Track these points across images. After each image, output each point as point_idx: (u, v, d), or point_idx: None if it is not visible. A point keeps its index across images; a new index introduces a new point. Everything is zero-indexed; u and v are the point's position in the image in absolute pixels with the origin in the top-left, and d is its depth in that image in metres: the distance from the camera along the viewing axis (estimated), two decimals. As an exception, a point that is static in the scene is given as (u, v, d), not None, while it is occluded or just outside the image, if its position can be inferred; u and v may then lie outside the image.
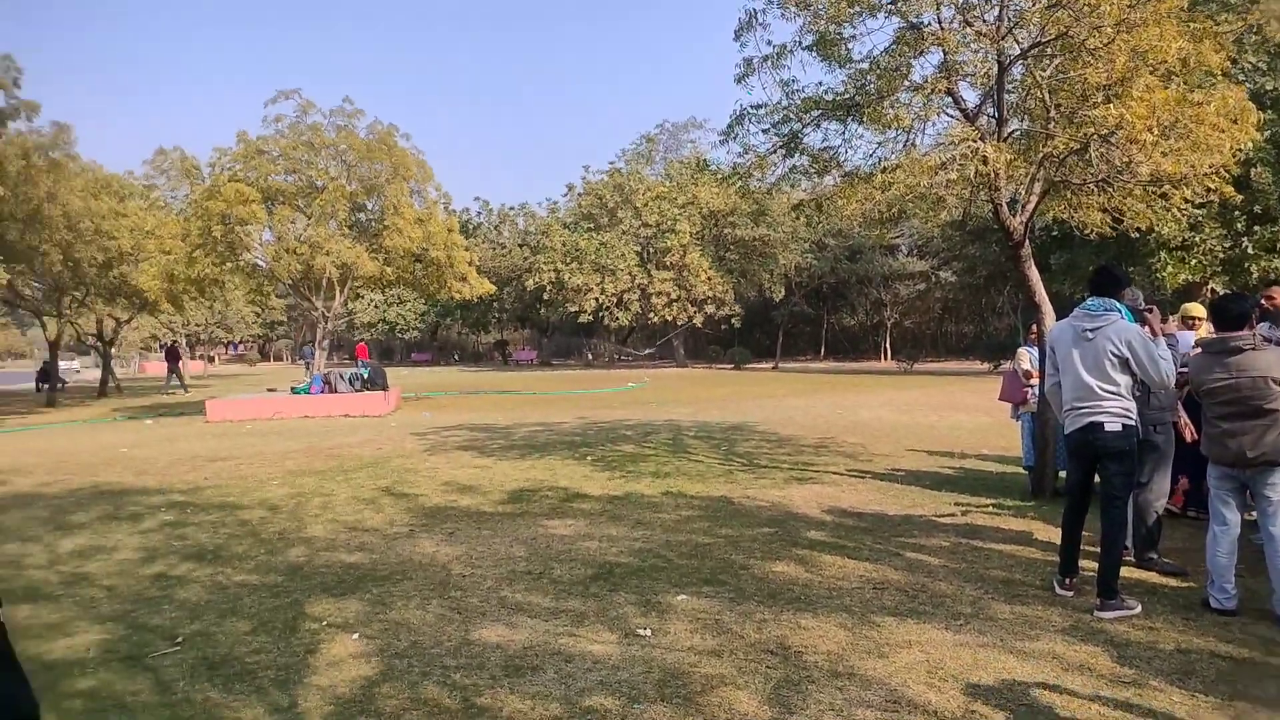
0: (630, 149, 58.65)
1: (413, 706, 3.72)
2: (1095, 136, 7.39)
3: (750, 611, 4.86)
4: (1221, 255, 21.96)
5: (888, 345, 47.97)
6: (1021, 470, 8.52)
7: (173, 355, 34.39)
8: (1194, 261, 22.09)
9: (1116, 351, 4.66)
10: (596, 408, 19.58)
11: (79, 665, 4.32)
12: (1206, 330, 6.43)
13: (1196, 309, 7.05)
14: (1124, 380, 4.71)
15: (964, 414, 15.45)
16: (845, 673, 3.97)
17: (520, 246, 52.16)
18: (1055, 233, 24.23)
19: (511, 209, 57.73)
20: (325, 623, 4.88)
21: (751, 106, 9.99)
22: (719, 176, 40.07)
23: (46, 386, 29.56)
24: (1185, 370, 5.21)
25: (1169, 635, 4.35)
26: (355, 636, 4.63)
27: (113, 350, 34.43)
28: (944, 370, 33.87)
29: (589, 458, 11.01)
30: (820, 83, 9.84)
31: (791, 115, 9.80)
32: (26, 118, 22.57)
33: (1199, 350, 4.84)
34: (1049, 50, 8.32)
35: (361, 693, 3.88)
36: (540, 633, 4.60)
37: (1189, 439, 5.74)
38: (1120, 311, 4.78)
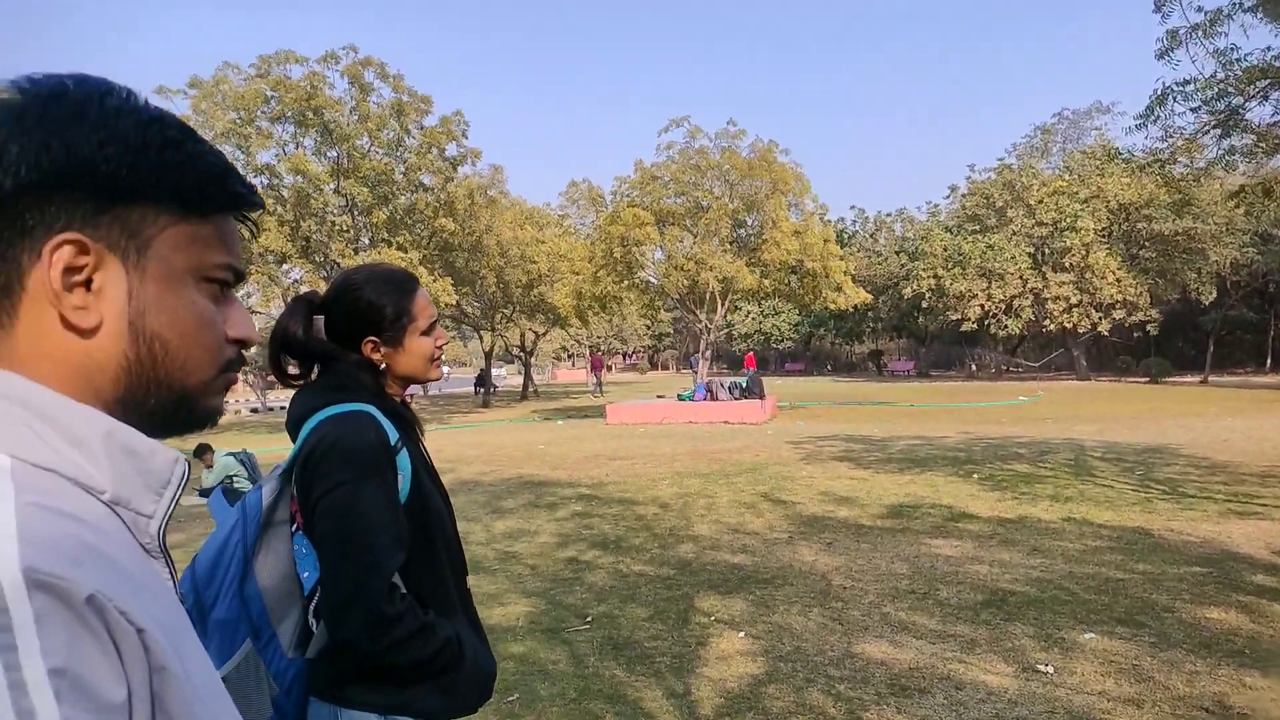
0: (1022, 142, 54.35)
1: (798, 711, 3.78)
2: None
3: (1177, 660, 4.23)
4: None
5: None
6: None
7: (597, 363, 38.84)
8: None
9: None
10: (981, 422, 18.35)
11: (511, 632, 5.02)
12: None
13: None
14: None
15: None
16: (1313, 751, 3.29)
17: (897, 253, 50.70)
18: None
19: (888, 215, 56.40)
20: (713, 618, 5.14)
21: (1177, 83, 8.77)
22: (1133, 165, 35.46)
23: (482, 390, 34.79)
24: None
25: None
26: (742, 634, 4.82)
27: (532, 359, 39.61)
28: None
29: (975, 475, 10.36)
30: (1268, 48, 8.34)
31: (1230, 88, 8.42)
32: (471, 163, 27.00)
33: None
34: None
35: (749, 690, 4.04)
36: (927, 655, 4.43)
37: None
38: None
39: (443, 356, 1.92)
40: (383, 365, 1.74)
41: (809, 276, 24.01)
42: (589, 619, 5.20)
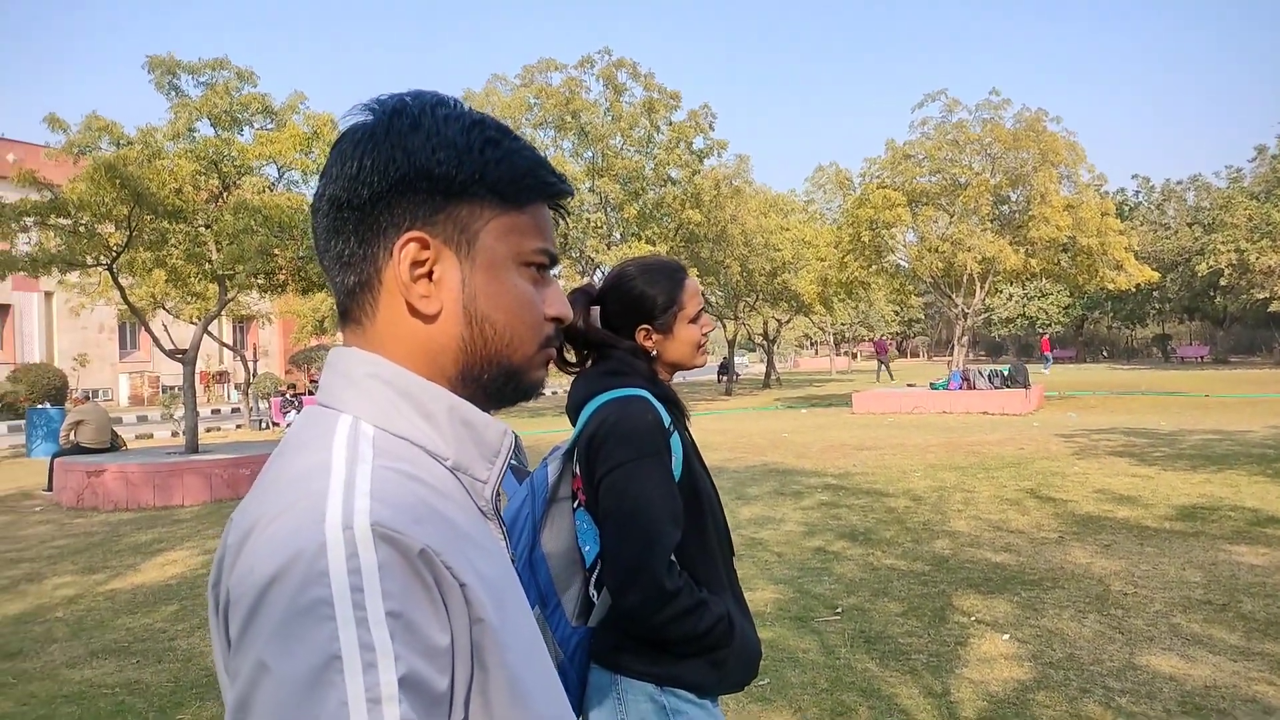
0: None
1: (1071, 721, 3.54)
2: None
3: None
4: None
5: None
6: None
7: (881, 348, 38.36)
8: None
9: None
10: (1298, 416, 15.91)
11: (759, 618, 5.08)
12: None
13: None
14: None
15: None
16: None
17: (1189, 226, 45.09)
18: None
19: (1178, 183, 50.21)
20: (974, 618, 4.91)
21: None
22: None
23: (725, 378, 35.18)
24: None
25: None
26: (1006, 637, 4.57)
27: (774, 347, 39.47)
28: None
29: (1289, 476, 9.04)
30: None
31: None
32: (717, 154, 27.34)
33: None
34: None
35: (1015, 695, 3.83)
36: (1227, 672, 3.97)
37: None
38: None
39: (707, 343, 2.01)
40: (654, 352, 1.85)
41: (1083, 254, 21.91)
42: (839, 610, 5.16)
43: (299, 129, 12.06)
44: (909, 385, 23.33)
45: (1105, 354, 59.13)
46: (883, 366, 37.93)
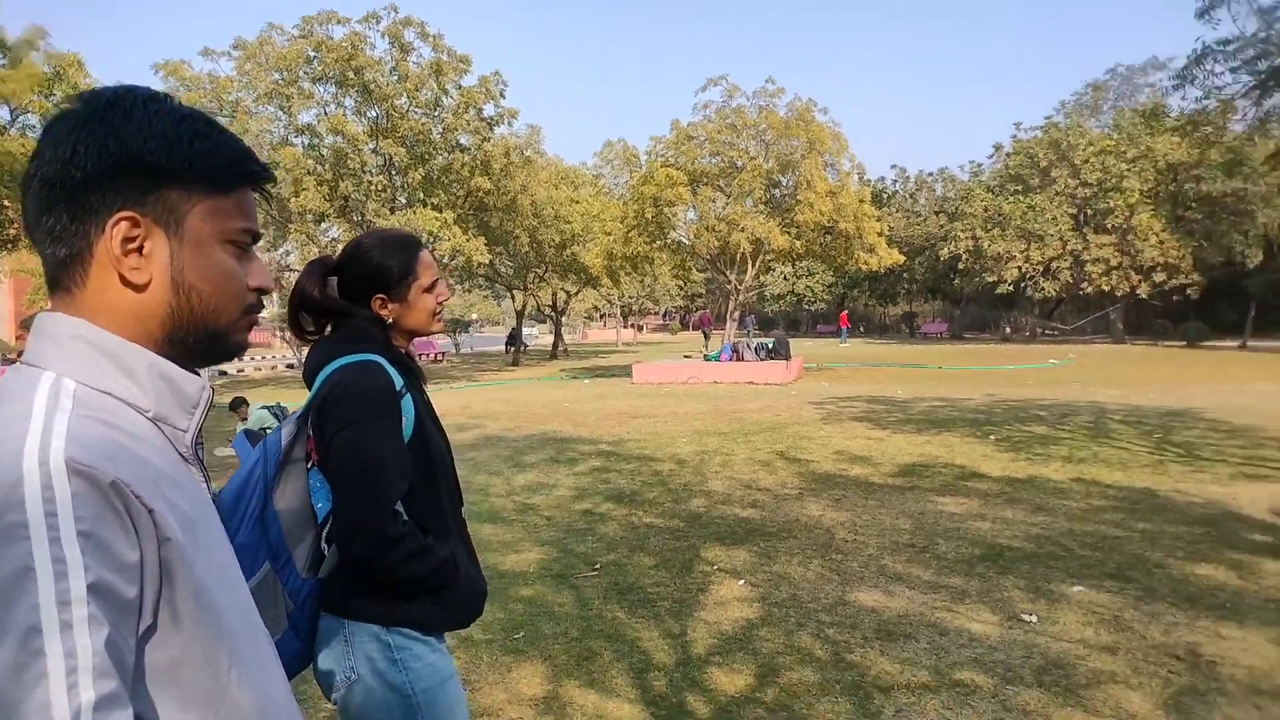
0: (1071, 100, 52.98)
1: (786, 651, 4.02)
2: None
3: (1159, 612, 4.40)
4: None
5: None
6: None
7: (705, 320, 39.24)
8: None
9: None
10: (1008, 385, 18.30)
11: (523, 577, 5.31)
12: None
13: None
14: None
15: None
16: (1271, 691, 3.46)
17: (936, 214, 50.03)
18: None
19: (930, 175, 55.52)
20: (716, 567, 5.39)
21: (1217, 42, 8.64)
22: (1170, 124, 34.48)
23: (513, 349, 35.21)
24: None
25: None
26: (741, 582, 5.06)
27: (563, 319, 39.89)
28: None
29: (992, 436, 10.46)
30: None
31: (1272, 48, 8.28)
32: (508, 123, 27.08)
33: None
34: None
35: (742, 632, 4.28)
36: (917, 604, 4.63)
37: None
38: None
39: (443, 311, 2.14)
40: (390, 320, 1.96)
41: (842, 238, 23.89)
42: (598, 566, 5.47)
43: (38, 68, 10.76)
44: (685, 357, 24.46)
45: (862, 329, 64.60)
46: (707, 339, 39.27)
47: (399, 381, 1.86)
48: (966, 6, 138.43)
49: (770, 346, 20.80)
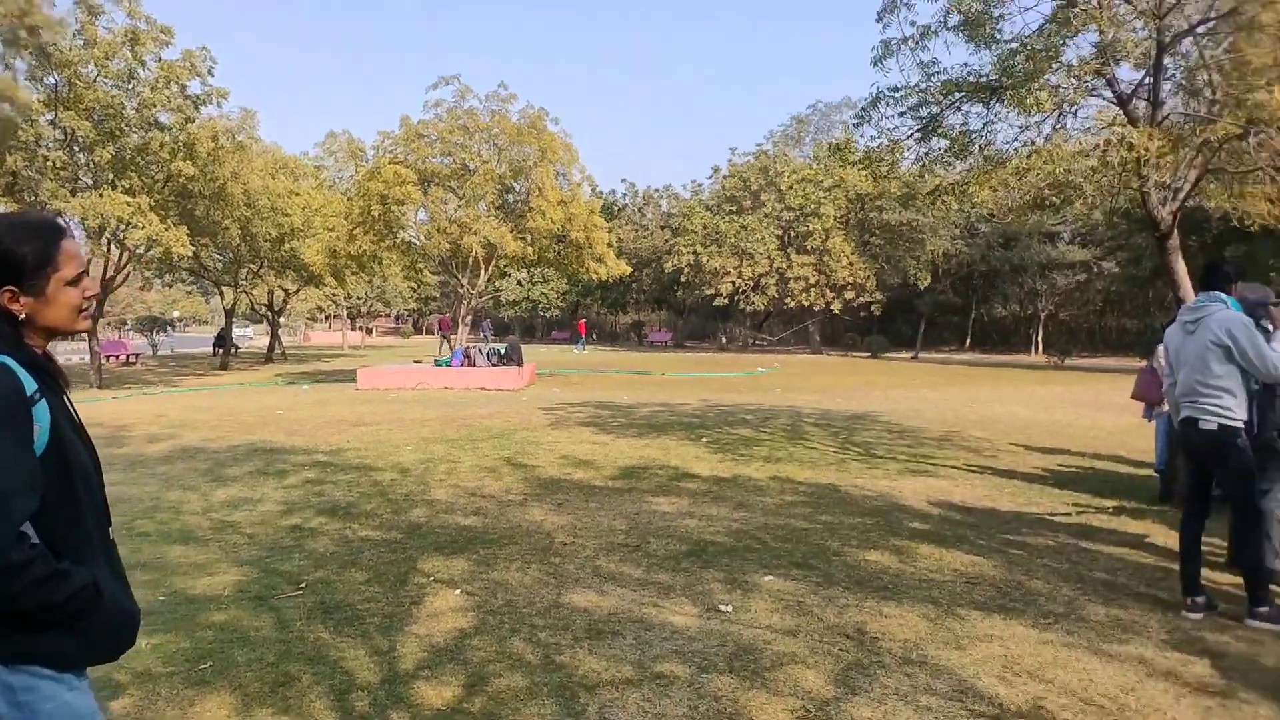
0: (779, 130, 58.02)
1: (498, 659, 4.02)
2: (1255, 121, 6.87)
3: (834, 596, 4.91)
4: None
5: (1039, 338, 45.45)
6: (1154, 474, 8.06)
7: (446, 324, 37.49)
8: (1397, 257, 19.85)
9: (1216, 340, 4.44)
10: (722, 391, 19.68)
11: (215, 601, 4.87)
12: None
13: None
14: (1227, 373, 4.46)
15: (1108, 413, 14.60)
16: (918, 660, 3.98)
17: (662, 228, 52.69)
18: (1233, 224, 22.31)
19: (656, 191, 58.39)
20: (433, 578, 5.27)
21: (888, 89, 9.81)
22: (851, 160, 38.96)
23: (221, 351, 32.34)
24: None
25: (1273, 649, 4.11)
26: (458, 592, 4.99)
27: (281, 319, 37.23)
28: (1098, 367, 31.86)
29: (704, 439, 11.18)
30: (965, 64, 9.54)
31: (930, 98, 9.56)
32: (217, 103, 24.73)
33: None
34: (1220, 28, 7.77)
35: (454, 643, 4.22)
36: (627, 601, 4.82)
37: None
38: (1226, 303, 4.54)
39: (92, 308, 1.91)
40: (23, 315, 1.72)
41: (573, 246, 24.42)
42: (303, 585, 5.15)
43: None
44: (415, 362, 23.79)
45: (594, 336, 66.48)
46: (445, 342, 38.38)
47: (30, 386, 1.64)
48: (695, 37, 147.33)
49: (502, 352, 20.77)
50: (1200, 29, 7.39)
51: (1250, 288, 5.15)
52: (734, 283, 42.78)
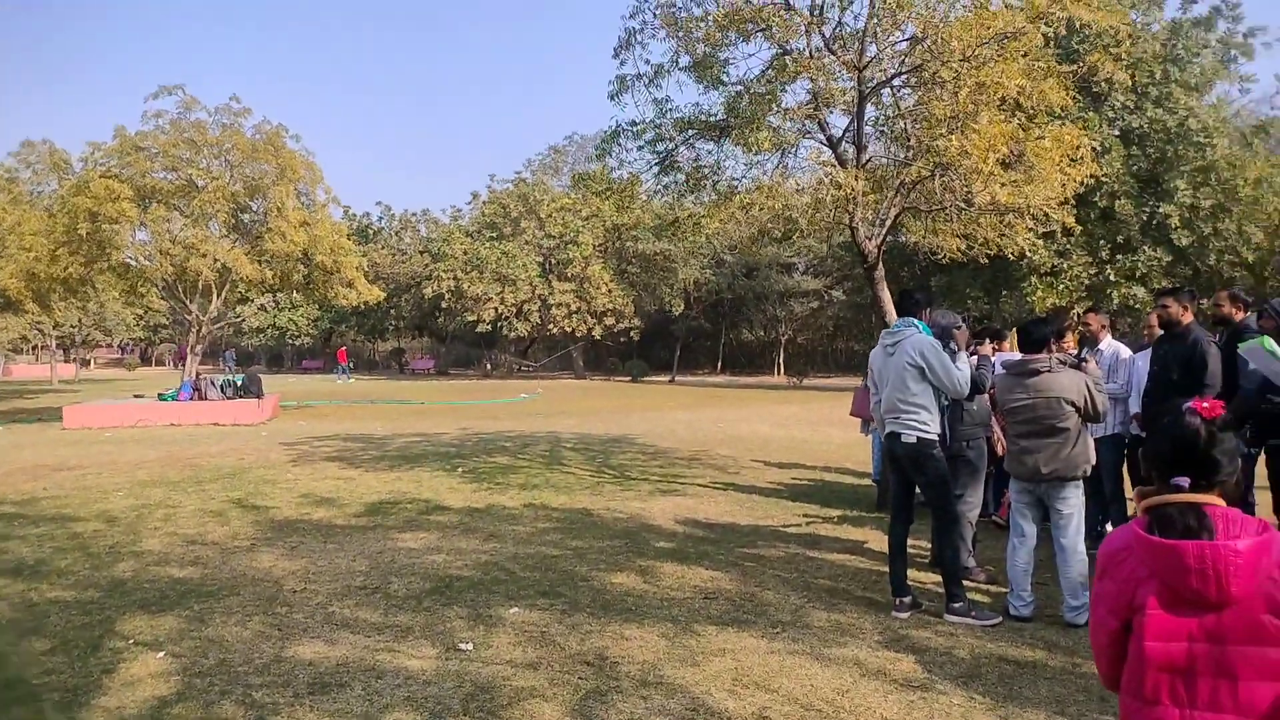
0: (537, 159, 58.62)
1: (203, 727, 3.59)
2: (940, 165, 7.77)
3: (579, 623, 4.88)
4: (1087, 281, 23.24)
5: (781, 361, 49.04)
6: (872, 484, 8.84)
7: (342, 356, 33.85)
8: (1061, 287, 23.30)
9: (912, 361, 4.94)
10: (483, 419, 19.37)
11: None
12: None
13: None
14: (922, 390, 4.96)
15: (837, 429, 15.90)
16: (654, 681, 4.02)
17: (421, 253, 51.31)
18: (936, 257, 25.33)
19: (414, 215, 56.87)
20: (133, 641, 4.66)
21: (627, 123, 10.12)
22: (595, 190, 40.30)
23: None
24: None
25: (966, 641, 4.57)
26: (161, 655, 4.43)
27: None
28: (831, 386, 34.82)
29: (460, 469, 10.88)
30: (697, 103, 10.04)
31: (665, 134, 9.96)
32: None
33: (1003, 371, 5.14)
34: (910, 81, 8.72)
35: (150, 713, 3.73)
36: (359, 649, 4.51)
37: (1000, 453, 6.07)
38: (918, 327, 5.07)
39: None
40: None
41: (320, 271, 23.09)
42: (-37, 662, 4.36)
43: None
44: (136, 396, 21.38)
45: (351, 365, 63.35)
46: (341, 373, 35.87)
47: None
48: (458, 61, 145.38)
49: (239, 384, 19.17)
50: (895, 81, 8.29)
51: (941, 314, 5.77)
52: (497, 309, 42.46)
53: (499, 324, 43.93)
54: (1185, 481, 1.78)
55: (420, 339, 61.93)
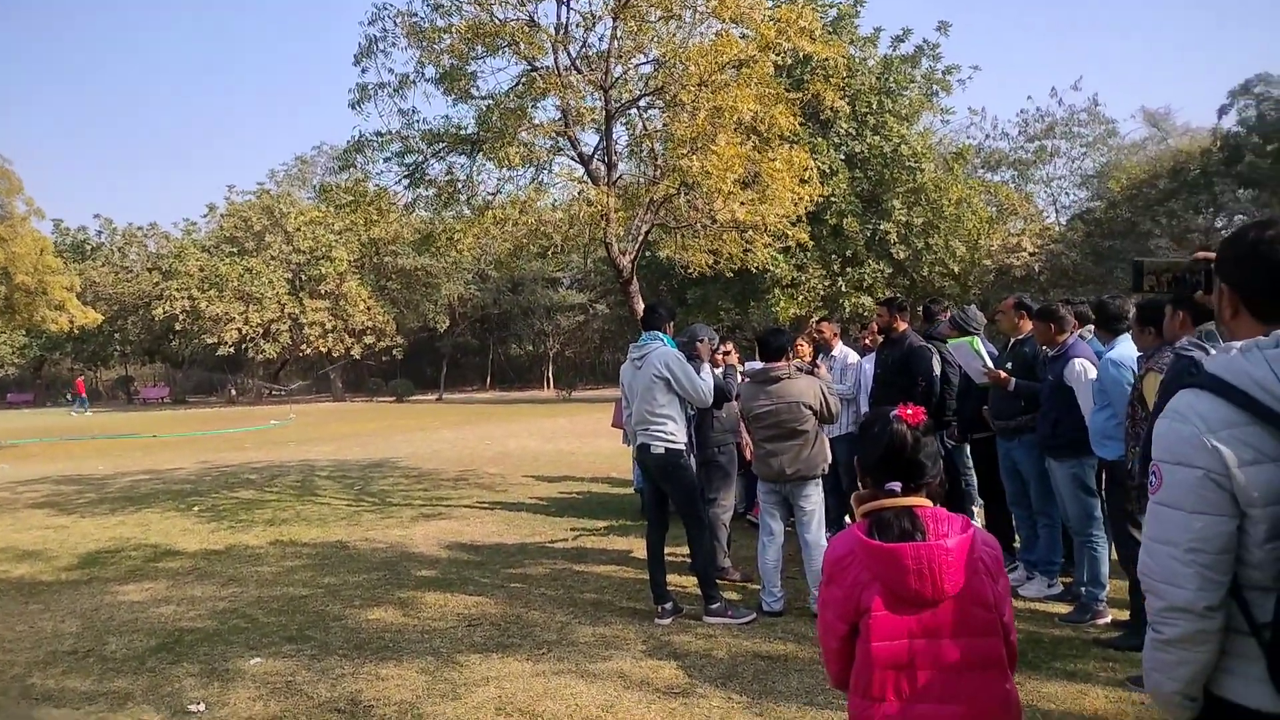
0: (282, 170, 55.05)
1: None
2: (685, 184, 8.12)
3: (330, 667, 4.56)
4: (823, 293, 25.29)
5: (550, 374, 49.35)
6: (636, 493, 9.04)
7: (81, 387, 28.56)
8: (801, 298, 25.21)
9: (659, 373, 5.11)
10: (225, 450, 17.81)
11: None
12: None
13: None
14: (669, 401, 5.14)
15: (605, 439, 16.13)
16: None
17: (149, 271, 46.51)
18: (693, 272, 26.56)
19: (140, 229, 51.40)
20: None
21: (373, 134, 9.74)
22: (338, 204, 38.74)
23: None
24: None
25: (723, 641, 4.75)
26: None
27: None
28: (599, 397, 35.47)
29: (196, 508, 9.90)
30: (447, 115, 9.84)
31: (413, 146, 9.68)
32: None
33: (746, 380, 5.43)
34: (655, 103, 9.05)
35: None
36: (62, 725, 3.93)
37: (749, 458, 6.42)
38: (663, 340, 5.26)
39: None
40: None
41: (20, 292, 20.28)
42: None
43: None
44: None
45: (69, 397, 56.20)
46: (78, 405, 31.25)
47: None
48: (185, 68, 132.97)
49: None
50: (641, 102, 8.59)
51: (699, 327, 6.00)
52: (240, 330, 39.33)
53: (244, 346, 40.73)
54: (898, 486, 1.90)
55: (152, 365, 56.07)
